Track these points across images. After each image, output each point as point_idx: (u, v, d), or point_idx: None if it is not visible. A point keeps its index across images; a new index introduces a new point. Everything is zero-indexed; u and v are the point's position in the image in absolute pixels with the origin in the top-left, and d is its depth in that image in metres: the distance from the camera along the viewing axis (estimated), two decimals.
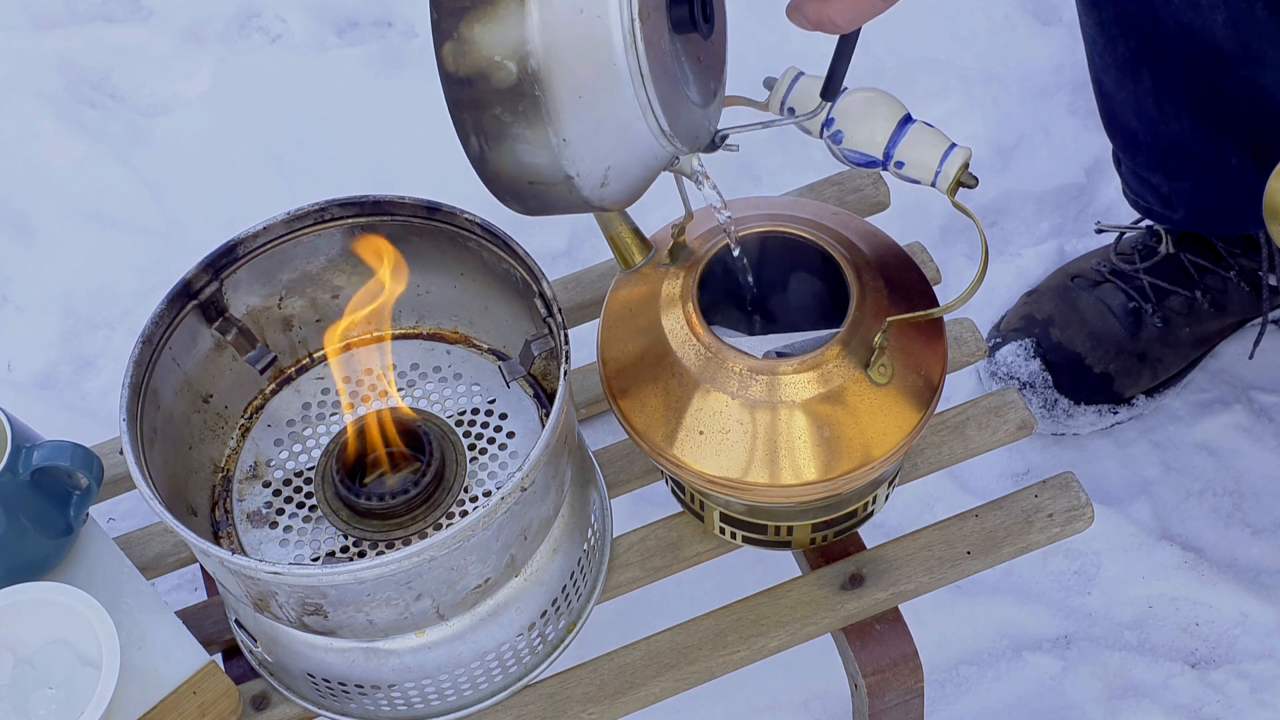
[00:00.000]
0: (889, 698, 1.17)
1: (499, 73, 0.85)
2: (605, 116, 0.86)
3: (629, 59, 0.84)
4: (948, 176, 1.03)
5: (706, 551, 1.18)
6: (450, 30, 0.84)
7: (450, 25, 0.85)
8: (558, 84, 0.85)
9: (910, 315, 1.06)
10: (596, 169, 0.88)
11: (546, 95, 0.85)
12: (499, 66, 0.84)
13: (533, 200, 0.91)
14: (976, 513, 1.18)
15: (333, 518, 1.11)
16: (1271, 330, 1.57)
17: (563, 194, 0.90)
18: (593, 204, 0.91)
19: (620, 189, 0.91)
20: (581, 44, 0.84)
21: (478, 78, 0.85)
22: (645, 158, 0.90)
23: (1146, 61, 1.36)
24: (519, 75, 0.84)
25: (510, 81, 0.85)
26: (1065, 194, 1.69)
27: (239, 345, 1.15)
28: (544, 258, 1.62)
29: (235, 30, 1.86)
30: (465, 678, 1.10)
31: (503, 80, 0.85)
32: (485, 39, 0.84)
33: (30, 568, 1.12)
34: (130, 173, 1.73)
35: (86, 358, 1.62)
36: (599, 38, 0.84)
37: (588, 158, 0.88)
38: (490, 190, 0.91)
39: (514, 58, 0.84)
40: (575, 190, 0.89)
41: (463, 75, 0.85)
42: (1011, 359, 1.52)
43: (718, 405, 1.05)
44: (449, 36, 0.85)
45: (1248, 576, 1.46)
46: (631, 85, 0.85)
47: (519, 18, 0.83)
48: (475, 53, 0.85)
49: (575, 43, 0.84)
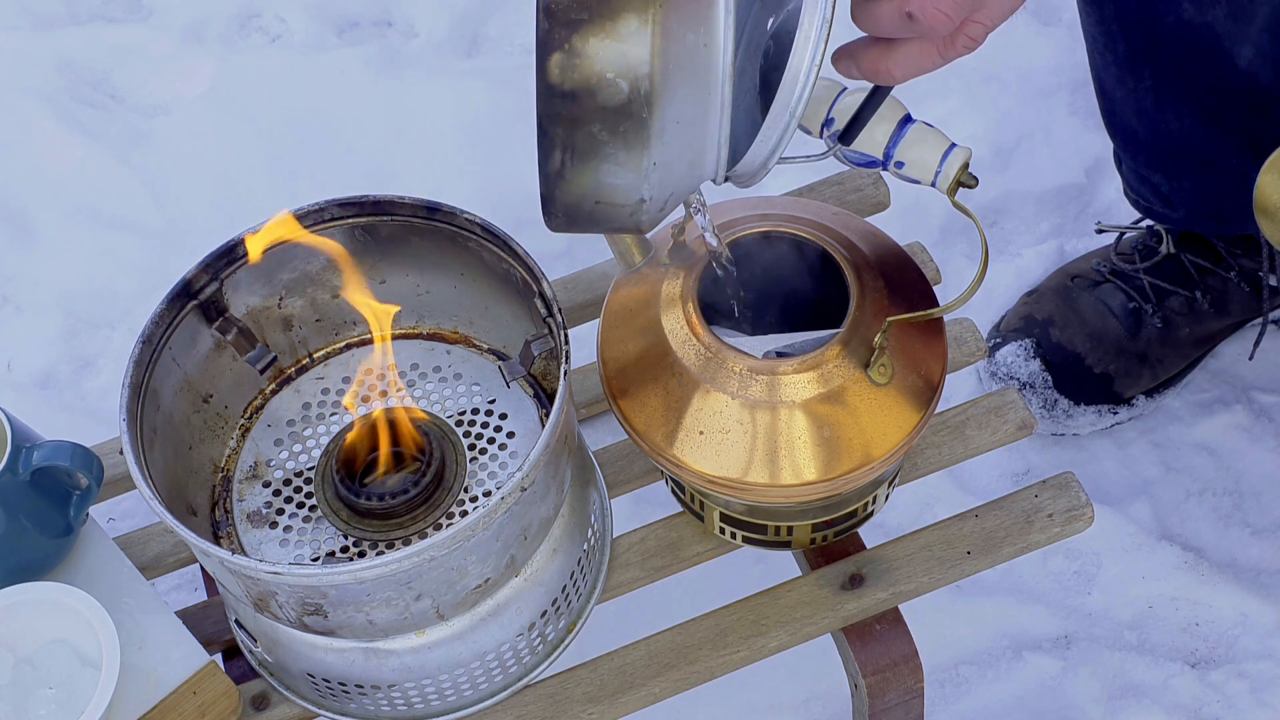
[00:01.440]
0: (889, 698, 1.17)
1: (608, 90, 0.82)
2: (689, 145, 0.85)
3: (723, 90, 0.83)
4: (948, 176, 1.03)
5: (706, 551, 1.18)
6: (562, 41, 0.82)
7: (563, 36, 0.82)
8: (665, 108, 0.83)
9: (910, 315, 1.06)
10: (663, 195, 0.87)
11: (652, 118, 0.83)
12: (610, 84, 0.82)
13: (583, 220, 0.89)
14: (976, 513, 1.18)
15: (333, 518, 1.11)
16: (1271, 330, 1.57)
17: (622, 217, 0.88)
18: (639, 227, 0.89)
19: (666, 216, 0.91)
20: (692, 71, 0.83)
21: (584, 93, 0.82)
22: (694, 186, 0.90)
23: (1147, 59, 1.36)
24: (629, 95, 0.82)
25: (619, 100, 0.82)
26: (1065, 194, 1.69)
27: (239, 345, 1.15)
28: (544, 258, 1.61)
29: (235, 30, 1.86)
30: (465, 678, 1.10)
31: (610, 98, 0.82)
32: (601, 55, 0.82)
33: (30, 568, 1.12)
34: (130, 173, 1.73)
35: (86, 358, 1.62)
36: (707, 66, 0.83)
37: (662, 184, 0.86)
38: (545, 207, 0.89)
39: (628, 77, 0.82)
40: (637, 214, 0.87)
41: (568, 89, 0.82)
42: (1011, 359, 1.52)
43: (718, 405, 1.05)
44: (559, 48, 0.82)
45: (1248, 576, 1.46)
46: (720, 116, 0.84)
47: (641, 37, 0.81)
48: (587, 67, 0.82)
49: (686, 69, 0.82)
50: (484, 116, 1.71)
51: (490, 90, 1.74)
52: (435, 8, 1.84)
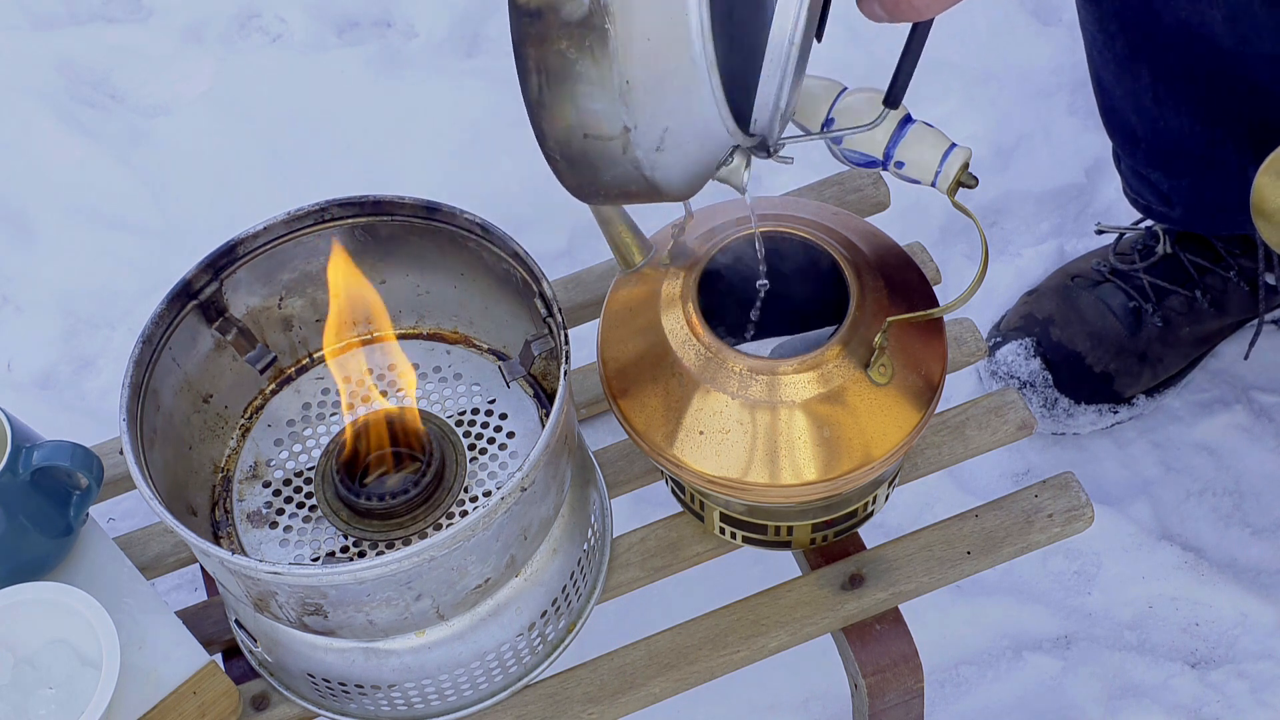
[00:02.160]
0: (889, 698, 1.17)
1: (569, 4, 0.84)
2: (670, 69, 0.85)
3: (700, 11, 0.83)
4: (948, 176, 1.03)
5: (706, 551, 1.18)
6: None
7: None
8: (627, 20, 0.84)
9: (910, 315, 1.06)
10: (654, 127, 0.87)
11: (615, 30, 0.84)
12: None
13: (583, 163, 0.89)
14: (976, 513, 1.18)
15: (333, 518, 1.11)
16: (1271, 330, 1.57)
17: (616, 154, 0.88)
18: (645, 173, 0.89)
19: (675, 163, 0.90)
20: None
21: (547, 9, 0.84)
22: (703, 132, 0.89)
23: (1146, 57, 1.36)
24: (590, 7, 0.83)
25: (580, 14, 0.84)
26: (1065, 194, 1.69)
27: (239, 345, 1.15)
28: (544, 258, 1.62)
29: (235, 30, 1.86)
30: (465, 678, 1.10)
31: (572, 12, 0.84)
32: None
33: (30, 568, 1.12)
34: (130, 173, 1.73)
35: (86, 358, 1.62)
36: None
37: (647, 110, 0.86)
38: (543, 149, 0.90)
39: None
40: (630, 149, 0.88)
41: (533, 7, 0.84)
42: (1011, 358, 1.52)
43: (718, 405, 1.05)
44: None
45: (1248, 576, 1.46)
46: (700, 41, 0.84)
47: None
48: None
49: None
50: (483, 116, 1.71)
51: (490, 90, 1.74)
52: (435, 8, 1.84)
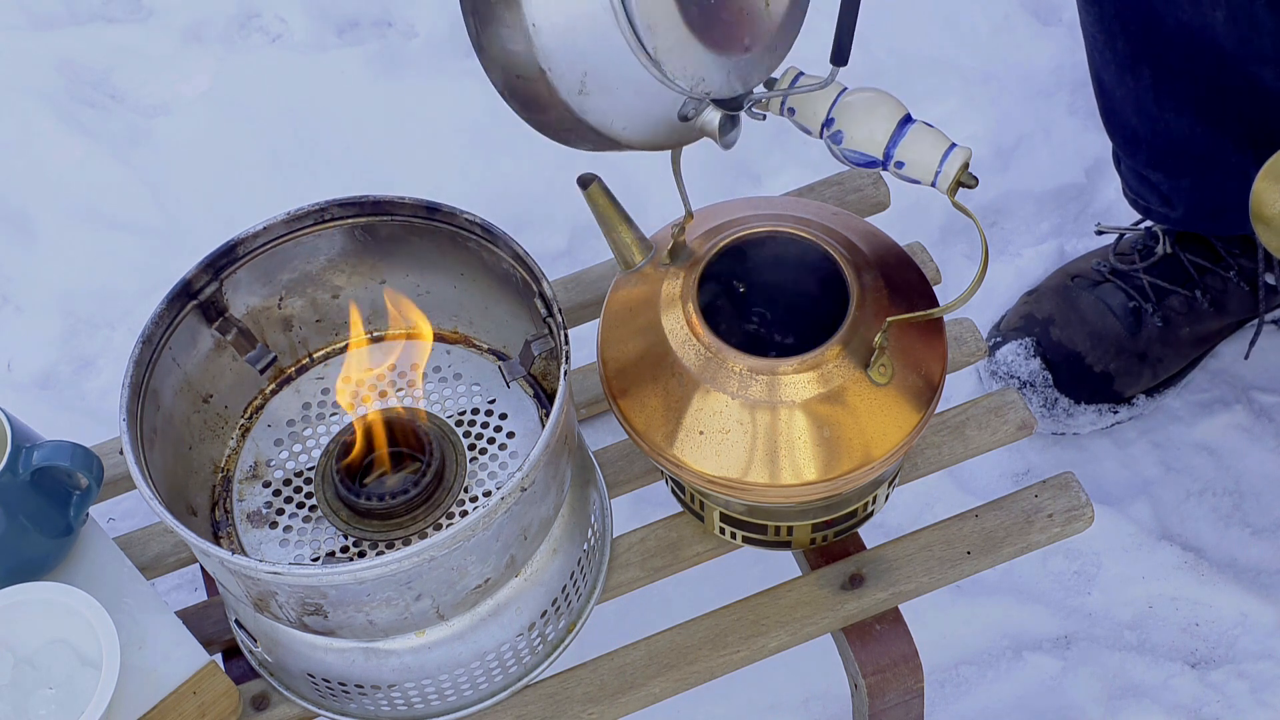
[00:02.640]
0: (889, 698, 1.17)
1: None
2: (577, 13, 0.87)
3: None
4: (948, 176, 1.03)
5: (706, 551, 1.18)
6: None
7: None
8: None
9: (910, 315, 1.06)
10: (572, 71, 0.89)
11: None
12: None
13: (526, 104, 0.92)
14: (976, 513, 1.18)
15: (333, 518, 1.11)
16: (1271, 330, 1.57)
17: (544, 95, 0.90)
18: (578, 115, 0.91)
19: (610, 108, 0.91)
20: None
21: None
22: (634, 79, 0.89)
23: (1146, 58, 1.36)
24: None
25: None
26: (1065, 194, 1.69)
27: (239, 345, 1.15)
28: (544, 258, 1.62)
29: (235, 30, 1.86)
30: (465, 678, 1.10)
31: None
32: None
33: (30, 568, 1.12)
34: (130, 173, 1.73)
35: (86, 358, 1.62)
36: None
37: (560, 53, 0.88)
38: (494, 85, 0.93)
39: None
40: (554, 91, 0.89)
41: None
42: (1011, 358, 1.52)
43: (718, 405, 1.05)
44: None
45: (1248, 576, 1.46)
46: None
47: None
48: None
49: None
50: (483, 117, 1.71)
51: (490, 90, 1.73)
52: (435, 8, 1.84)
